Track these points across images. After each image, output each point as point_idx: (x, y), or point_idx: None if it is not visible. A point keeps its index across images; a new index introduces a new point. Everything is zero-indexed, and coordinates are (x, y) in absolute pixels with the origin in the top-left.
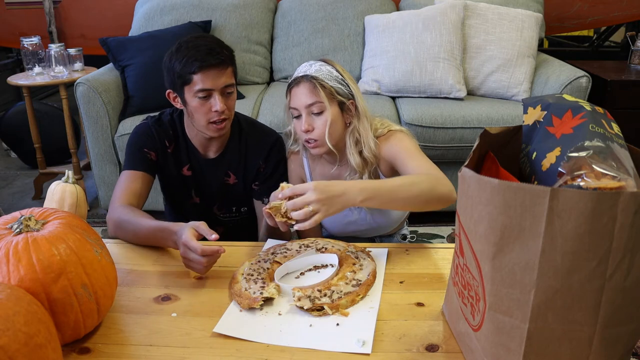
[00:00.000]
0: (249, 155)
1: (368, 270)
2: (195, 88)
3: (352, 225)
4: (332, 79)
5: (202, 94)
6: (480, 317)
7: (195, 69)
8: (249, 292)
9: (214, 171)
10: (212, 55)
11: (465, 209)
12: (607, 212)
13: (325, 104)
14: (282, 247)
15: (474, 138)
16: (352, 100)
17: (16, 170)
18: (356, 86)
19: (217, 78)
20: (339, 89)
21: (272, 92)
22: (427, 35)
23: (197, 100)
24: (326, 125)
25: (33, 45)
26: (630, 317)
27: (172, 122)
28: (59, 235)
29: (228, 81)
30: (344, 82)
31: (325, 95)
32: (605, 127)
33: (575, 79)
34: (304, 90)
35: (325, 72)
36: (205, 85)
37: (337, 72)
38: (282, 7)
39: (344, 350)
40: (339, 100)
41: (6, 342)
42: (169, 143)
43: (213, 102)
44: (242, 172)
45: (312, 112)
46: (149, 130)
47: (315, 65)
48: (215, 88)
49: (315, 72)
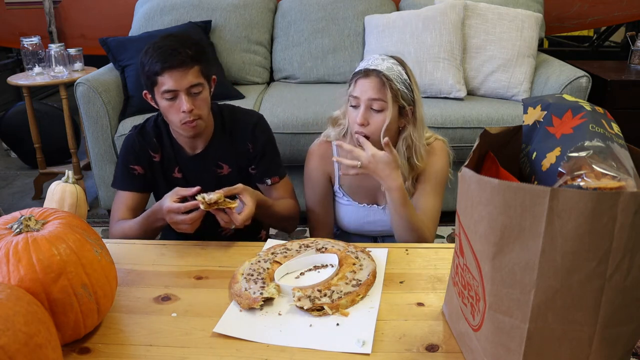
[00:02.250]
0: (236, 140)
1: (368, 270)
2: (162, 89)
3: (370, 225)
4: (401, 81)
5: (168, 95)
6: (480, 317)
7: (159, 70)
8: (249, 292)
9: (204, 165)
10: (174, 56)
11: (465, 209)
12: (607, 212)
13: (388, 104)
14: (282, 247)
15: (474, 138)
16: (412, 107)
17: (16, 170)
18: (419, 93)
19: (181, 79)
20: (404, 93)
21: (272, 92)
22: (427, 35)
23: (165, 101)
24: (383, 124)
25: (33, 45)
26: (630, 317)
27: (156, 127)
28: (59, 235)
29: (194, 81)
30: (410, 87)
31: (391, 95)
32: (605, 127)
33: (575, 79)
34: (372, 84)
35: (397, 73)
36: (169, 86)
37: (406, 75)
38: (282, 7)
39: (344, 350)
40: (400, 104)
41: (6, 342)
42: (154, 152)
43: (180, 103)
44: (233, 160)
45: (372, 107)
46: (133, 144)
47: (388, 62)
48: (179, 89)
49: (387, 70)
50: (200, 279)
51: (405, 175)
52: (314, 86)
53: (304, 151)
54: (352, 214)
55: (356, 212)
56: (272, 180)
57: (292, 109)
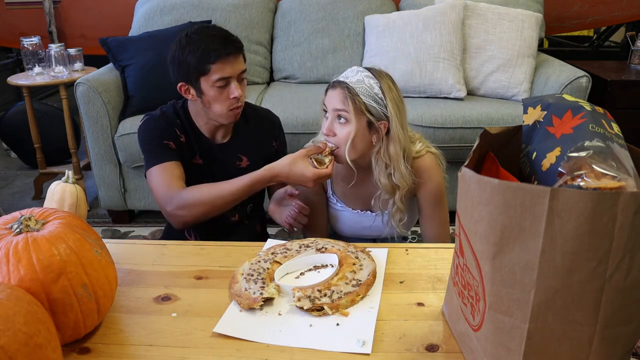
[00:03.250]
0: (260, 133)
1: (368, 270)
2: (214, 77)
3: (365, 230)
4: (369, 95)
5: (221, 82)
6: (480, 317)
7: (214, 58)
8: (249, 292)
9: (226, 155)
10: (230, 44)
11: (465, 209)
12: (607, 212)
13: (350, 116)
14: (282, 247)
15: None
16: (385, 122)
17: (16, 170)
18: (397, 109)
19: (235, 65)
20: (371, 107)
21: (272, 92)
22: (427, 35)
23: (215, 89)
24: (348, 137)
25: (33, 45)
26: (630, 317)
27: (176, 113)
28: (59, 235)
29: (243, 67)
30: (382, 102)
31: (353, 108)
32: (605, 127)
33: (575, 79)
34: (336, 95)
35: (366, 87)
36: (224, 73)
37: (379, 89)
38: (282, 7)
39: (344, 350)
40: (367, 119)
41: (6, 342)
42: (180, 132)
43: (231, 90)
44: (256, 155)
45: (339, 118)
46: (159, 122)
47: (360, 75)
48: (233, 75)
49: (354, 83)
50: (200, 279)
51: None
52: (314, 86)
53: None
54: (347, 219)
55: (351, 217)
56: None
57: (292, 109)
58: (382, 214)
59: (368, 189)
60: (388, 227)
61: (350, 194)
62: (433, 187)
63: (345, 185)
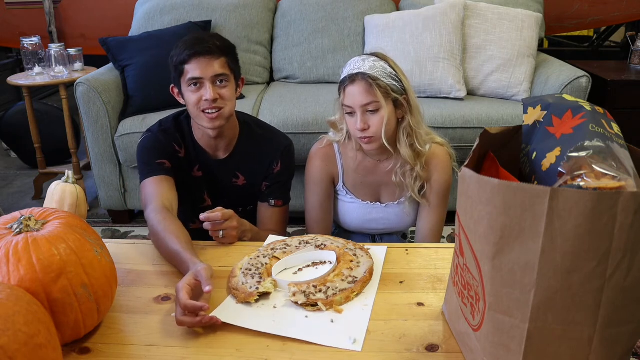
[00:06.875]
0: (262, 154)
1: (365, 267)
2: (187, 77)
3: (372, 223)
4: (387, 76)
5: (193, 82)
6: (480, 317)
7: (185, 57)
8: (246, 286)
9: (223, 172)
10: (200, 44)
11: (465, 209)
12: (607, 212)
13: (381, 103)
14: (282, 242)
15: (474, 138)
16: (405, 96)
17: (16, 170)
18: (407, 80)
19: (207, 67)
20: (393, 86)
21: (272, 92)
22: (427, 35)
23: (189, 91)
24: (382, 123)
25: (33, 45)
26: (630, 317)
27: (177, 125)
28: (59, 235)
29: (219, 70)
30: (397, 78)
31: (381, 94)
32: (605, 127)
33: (575, 79)
34: (360, 89)
35: (380, 69)
36: (194, 73)
37: (390, 68)
38: (282, 7)
39: (335, 346)
40: (393, 98)
41: (6, 342)
42: (179, 147)
43: (204, 91)
44: (251, 173)
45: (368, 110)
46: (156, 140)
47: (369, 62)
48: (204, 77)
49: (369, 70)
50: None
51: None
52: (314, 86)
53: (304, 151)
54: (355, 211)
55: (359, 209)
56: (276, 203)
57: (292, 109)
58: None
59: (379, 178)
60: (386, 216)
61: (361, 184)
62: (443, 181)
63: (357, 176)
